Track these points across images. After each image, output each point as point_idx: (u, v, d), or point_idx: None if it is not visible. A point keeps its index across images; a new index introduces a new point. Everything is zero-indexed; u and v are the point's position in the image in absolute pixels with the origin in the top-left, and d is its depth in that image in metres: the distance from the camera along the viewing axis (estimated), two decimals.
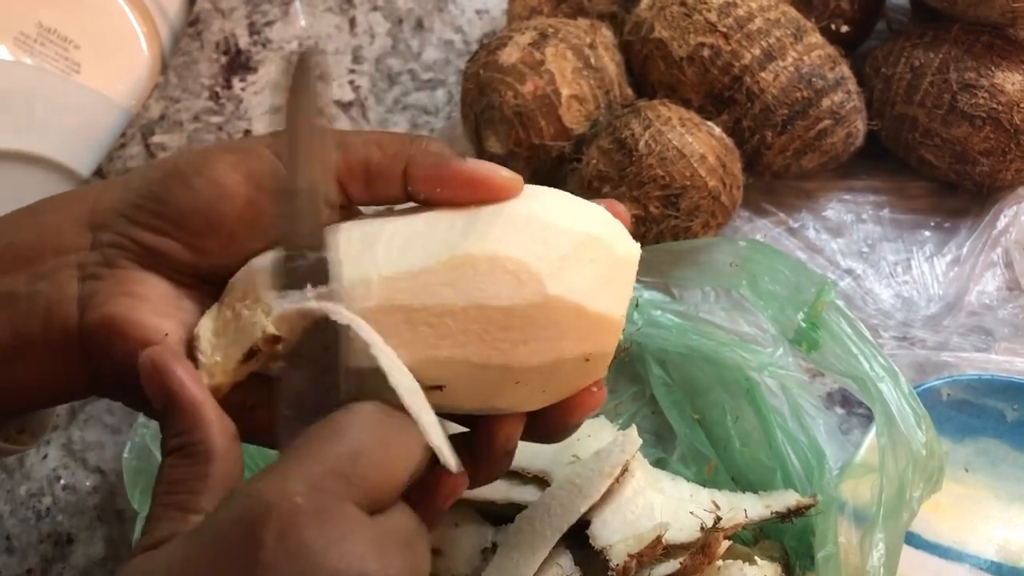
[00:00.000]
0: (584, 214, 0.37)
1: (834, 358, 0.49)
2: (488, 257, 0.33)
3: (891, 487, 0.44)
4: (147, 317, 0.32)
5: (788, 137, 0.62)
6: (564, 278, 0.34)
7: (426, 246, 0.34)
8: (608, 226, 0.37)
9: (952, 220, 0.65)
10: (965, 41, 0.62)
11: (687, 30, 0.63)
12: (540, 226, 0.35)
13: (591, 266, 0.35)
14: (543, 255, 0.34)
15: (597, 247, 0.36)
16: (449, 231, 0.34)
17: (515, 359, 0.33)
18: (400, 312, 0.32)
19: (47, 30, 0.78)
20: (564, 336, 0.34)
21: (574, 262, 0.34)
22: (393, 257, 0.33)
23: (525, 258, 0.34)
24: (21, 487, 0.59)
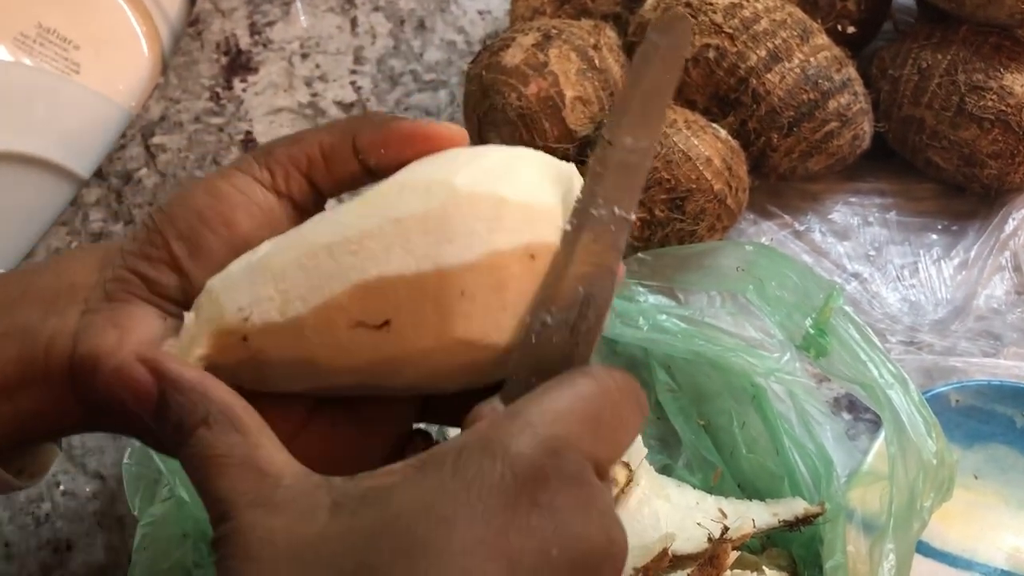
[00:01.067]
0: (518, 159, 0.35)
1: (842, 364, 0.48)
2: (398, 183, 0.33)
3: (901, 496, 0.44)
4: (130, 351, 0.33)
5: (794, 139, 0.61)
6: (474, 174, 0.33)
7: (346, 206, 0.34)
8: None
9: (960, 223, 0.64)
10: (973, 42, 0.61)
11: (692, 31, 0.62)
12: (457, 153, 0.35)
13: (508, 165, 0.34)
14: (453, 166, 0.33)
15: (521, 159, 0.35)
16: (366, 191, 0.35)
17: (445, 259, 0.32)
18: (323, 250, 0.32)
19: (47, 30, 0.77)
20: (493, 229, 0.32)
21: (487, 163, 0.34)
22: (316, 221, 0.34)
23: (434, 172, 0.33)
24: (20, 493, 0.58)
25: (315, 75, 0.77)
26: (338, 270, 0.32)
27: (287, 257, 0.33)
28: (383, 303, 0.32)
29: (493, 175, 0.33)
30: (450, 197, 0.32)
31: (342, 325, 0.32)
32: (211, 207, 0.35)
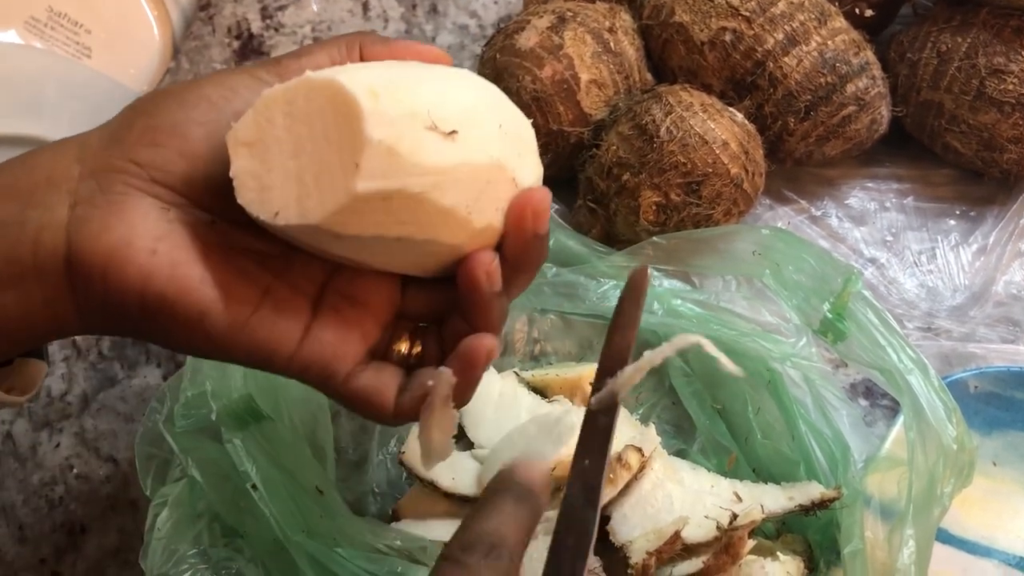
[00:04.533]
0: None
1: (861, 349, 0.48)
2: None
3: (920, 482, 0.43)
4: (142, 241, 0.32)
5: (811, 123, 0.61)
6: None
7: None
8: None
9: (978, 208, 0.64)
10: (994, 25, 0.60)
11: (708, 14, 0.61)
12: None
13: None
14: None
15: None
16: None
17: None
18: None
19: (57, 14, 0.77)
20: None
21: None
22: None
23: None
24: (34, 476, 0.58)
25: None
26: (409, 77, 0.34)
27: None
28: (454, 115, 0.33)
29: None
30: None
31: (420, 125, 0.32)
32: (223, 97, 0.34)
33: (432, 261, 0.35)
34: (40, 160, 0.34)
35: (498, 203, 0.35)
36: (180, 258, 0.32)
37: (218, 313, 0.33)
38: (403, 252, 0.34)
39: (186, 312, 0.33)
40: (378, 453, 0.56)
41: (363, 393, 0.36)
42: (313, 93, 0.32)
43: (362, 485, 0.56)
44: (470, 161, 0.33)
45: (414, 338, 0.38)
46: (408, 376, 0.37)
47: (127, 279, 0.32)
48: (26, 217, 0.32)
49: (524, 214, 0.35)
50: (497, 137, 0.35)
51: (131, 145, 0.33)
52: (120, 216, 0.32)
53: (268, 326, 0.34)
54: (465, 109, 0.34)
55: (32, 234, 0.32)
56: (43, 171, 0.33)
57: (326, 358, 0.35)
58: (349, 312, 0.36)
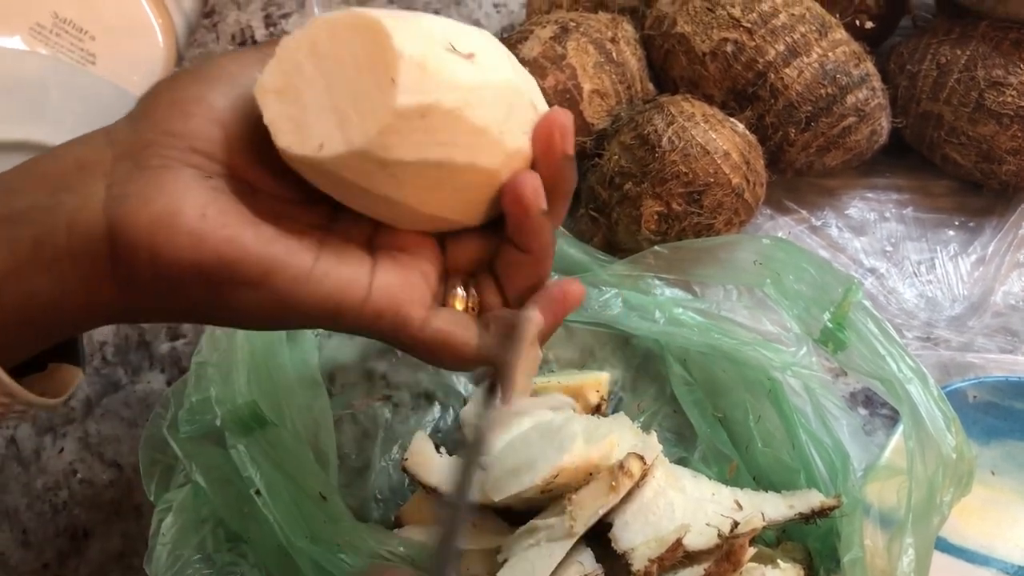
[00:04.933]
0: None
1: (861, 359, 0.48)
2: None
3: (920, 490, 0.44)
4: (191, 208, 0.31)
5: (811, 134, 0.61)
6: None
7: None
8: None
9: (977, 219, 0.64)
10: (993, 38, 0.61)
11: (710, 25, 0.62)
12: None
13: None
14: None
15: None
16: None
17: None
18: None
19: (63, 21, 0.77)
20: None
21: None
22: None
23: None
24: (38, 480, 0.59)
25: None
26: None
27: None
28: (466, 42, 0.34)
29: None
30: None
31: (446, 53, 0.33)
32: (239, 71, 0.34)
33: (473, 196, 0.35)
34: (68, 149, 0.33)
35: (524, 126, 0.35)
36: (231, 220, 0.31)
37: (282, 267, 0.32)
38: (445, 185, 0.34)
39: (249, 271, 0.31)
40: (381, 459, 0.57)
41: (442, 336, 0.35)
42: (336, 28, 0.32)
43: (365, 491, 0.56)
44: (493, 81, 0.34)
45: (468, 291, 0.37)
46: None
47: (179, 247, 0.30)
48: (58, 201, 0.31)
49: (552, 135, 0.35)
50: (511, 64, 0.35)
51: (161, 118, 0.32)
52: (161, 187, 0.31)
53: (334, 274, 0.33)
54: (474, 41, 0.34)
55: (66, 217, 0.31)
56: (72, 158, 0.32)
57: (397, 302, 0.34)
58: (405, 259, 0.36)
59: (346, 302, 0.33)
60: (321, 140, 0.32)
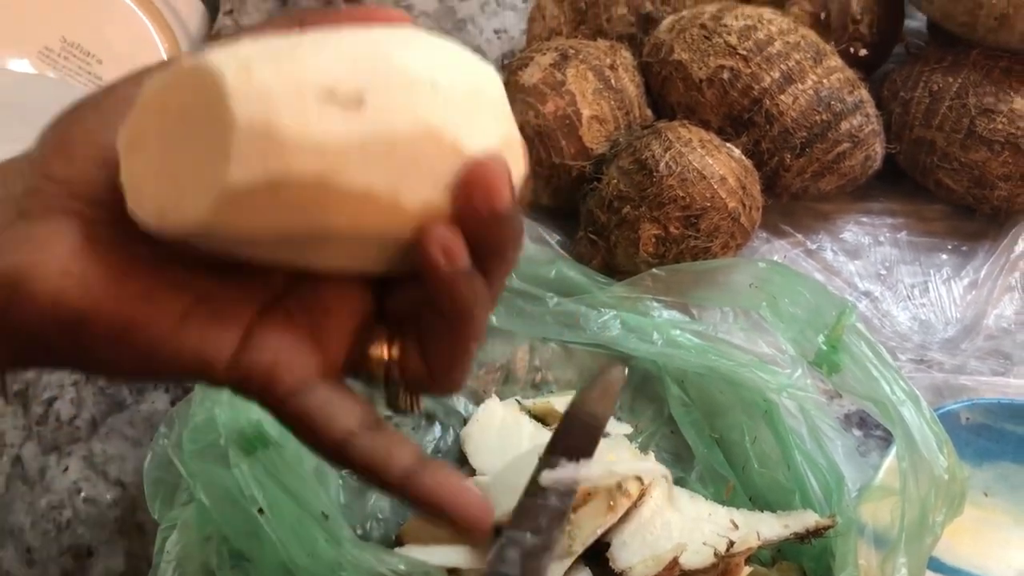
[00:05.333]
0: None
1: (855, 381, 0.49)
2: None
3: (913, 511, 0.45)
4: (54, 262, 0.29)
5: (806, 159, 0.62)
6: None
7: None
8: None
9: (969, 243, 0.65)
10: (984, 66, 0.62)
11: (707, 52, 0.63)
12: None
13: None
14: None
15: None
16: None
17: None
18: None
19: (70, 44, 0.79)
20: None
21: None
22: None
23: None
24: (42, 499, 0.59)
25: None
26: (301, 42, 0.29)
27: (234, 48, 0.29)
28: (355, 80, 0.29)
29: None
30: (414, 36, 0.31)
31: (311, 100, 0.28)
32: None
33: (380, 254, 0.31)
34: None
35: (437, 177, 0.29)
36: (97, 274, 0.30)
37: (142, 325, 0.30)
38: (336, 248, 0.30)
39: (106, 327, 0.30)
40: None
41: (305, 414, 0.32)
42: (184, 81, 0.28)
43: (365, 511, 0.56)
44: (385, 132, 0.28)
45: (392, 341, 0.34)
46: (407, 398, 0.34)
47: (36, 300, 0.29)
48: None
49: (470, 191, 0.29)
50: (432, 99, 0.29)
51: (46, 161, 0.30)
52: (29, 237, 0.29)
53: (198, 333, 0.31)
54: (383, 72, 0.29)
55: None
56: None
57: (267, 366, 0.31)
58: (302, 318, 0.32)
59: (208, 363, 0.31)
60: (160, 212, 0.29)
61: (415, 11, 0.83)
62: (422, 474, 0.33)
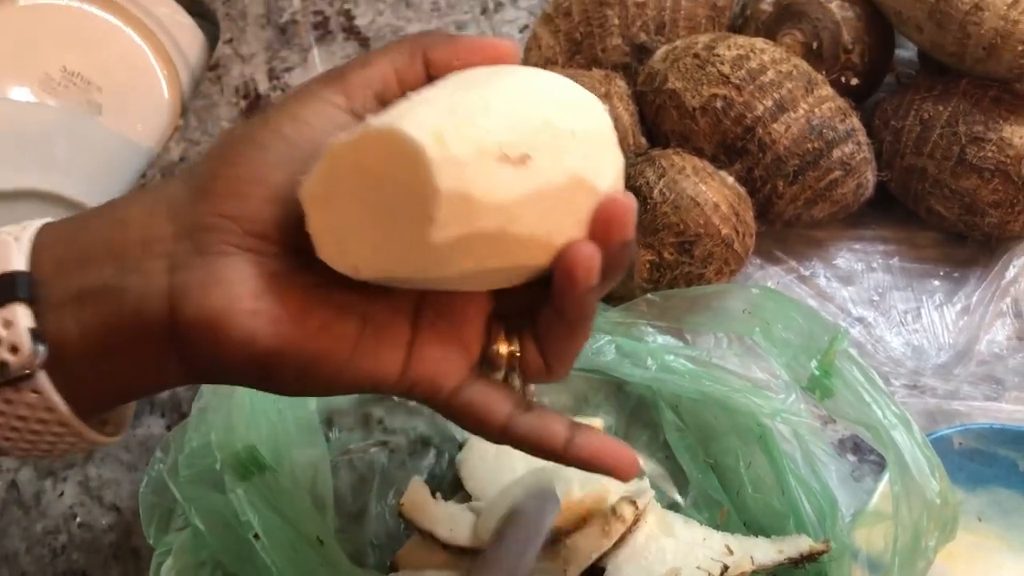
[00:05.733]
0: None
1: (847, 406, 0.49)
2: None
3: (905, 535, 0.45)
4: (244, 302, 0.33)
5: (799, 187, 0.63)
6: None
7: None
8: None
9: (961, 270, 0.66)
10: (973, 95, 0.63)
11: (700, 81, 0.64)
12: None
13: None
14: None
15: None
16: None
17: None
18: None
19: (71, 73, 0.80)
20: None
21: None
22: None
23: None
24: (37, 524, 0.59)
25: None
26: (478, 107, 0.32)
27: (415, 108, 0.32)
28: (520, 139, 0.32)
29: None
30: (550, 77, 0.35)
31: (492, 157, 0.31)
32: (299, 133, 0.34)
33: (518, 278, 0.35)
34: (131, 216, 0.34)
35: (579, 215, 0.34)
36: (280, 314, 0.33)
37: (324, 358, 0.34)
38: (487, 278, 0.34)
39: (295, 363, 0.34)
40: (377, 504, 0.57)
41: (469, 408, 0.37)
42: (378, 145, 0.31)
43: (361, 536, 0.57)
44: (546, 184, 0.32)
45: (511, 337, 0.38)
46: (521, 385, 0.38)
47: (233, 342, 0.32)
48: (126, 283, 0.33)
49: (608, 226, 0.34)
50: (573, 147, 0.33)
51: (218, 199, 0.33)
52: (217, 279, 0.32)
53: (371, 357, 0.35)
54: (536, 127, 0.32)
55: (133, 302, 0.32)
56: (136, 230, 0.33)
57: (430, 376, 0.36)
58: (446, 328, 0.37)
59: (382, 380, 0.36)
60: (357, 261, 0.33)
61: None
62: (579, 440, 0.38)
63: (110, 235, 0.33)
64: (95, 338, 0.33)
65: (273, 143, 0.34)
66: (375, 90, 0.36)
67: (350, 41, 0.85)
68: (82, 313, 0.33)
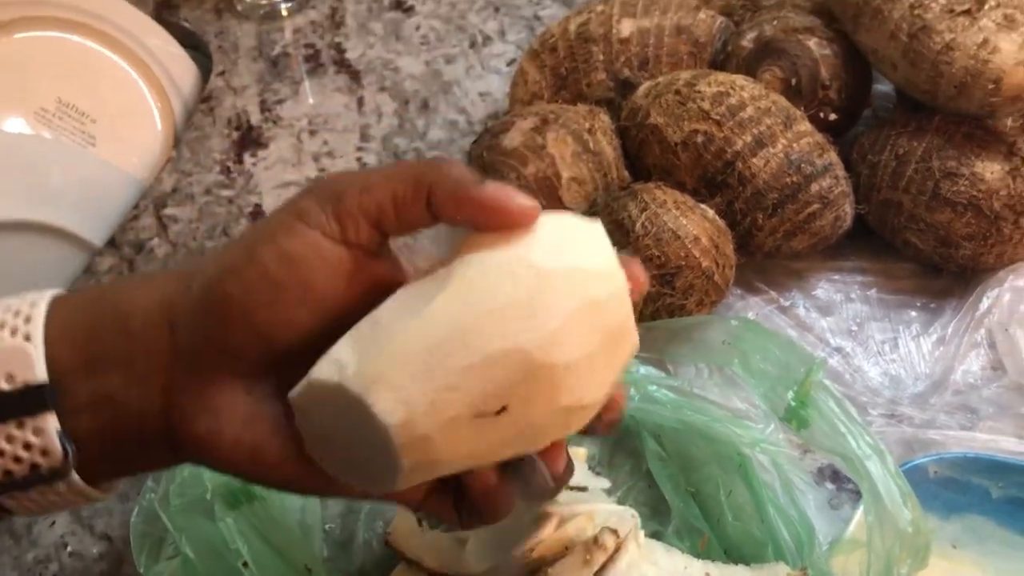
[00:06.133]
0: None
1: (823, 436, 0.51)
2: (479, 269, 0.35)
3: (878, 563, 0.46)
4: (228, 434, 0.36)
5: (778, 220, 0.65)
6: (547, 250, 0.35)
7: (428, 298, 0.35)
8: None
9: (937, 301, 0.67)
10: (946, 131, 0.65)
11: (681, 117, 0.66)
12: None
13: (565, 235, 0.37)
14: (524, 243, 0.35)
15: (571, 227, 0.37)
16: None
17: (548, 337, 0.34)
18: (425, 354, 0.33)
19: (66, 105, 0.81)
20: (582, 299, 0.35)
21: (549, 237, 0.36)
22: (399, 313, 0.35)
23: (510, 253, 0.35)
24: (28, 554, 0.60)
25: (323, 151, 0.81)
26: (451, 369, 0.33)
27: (392, 363, 0.33)
28: (497, 391, 0.33)
29: (562, 248, 0.35)
30: (537, 278, 0.34)
31: (463, 421, 0.33)
32: (288, 274, 0.35)
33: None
34: (134, 326, 0.36)
35: (563, 429, 0.36)
36: (261, 443, 0.36)
37: (301, 482, 0.37)
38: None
39: (274, 481, 0.37)
40: (364, 533, 0.58)
41: (433, 513, 0.40)
42: (348, 400, 0.33)
43: (349, 564, 0.57)
44: (525, 424, 0.34)
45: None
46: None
47: (218, 461, 0.36)
48: (130, 397, 0.36)
49: (604, 425, 0.38)
50: (563, 379, 0.34)
51: (212, 331, 0.35)
52: (205, 406, 0.36)
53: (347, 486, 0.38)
54: (522, 370, 0.33)
55: (136, 414, 0.36)
56: (140, 342, 0.36)
57: (395, 499, 0.39)
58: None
59: (351, 497, 0.39)
60: (338, 472, 0.36)
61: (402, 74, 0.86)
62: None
63: (117, 344, 0.36)
64: (107, 439, 0.36)
65: (260, 285, 0.35)
66: (371, 219, 0.36)
67: (341, 74, 0.86)
68: (95, 420, 0.36)
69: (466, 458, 0.35)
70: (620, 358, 0.37)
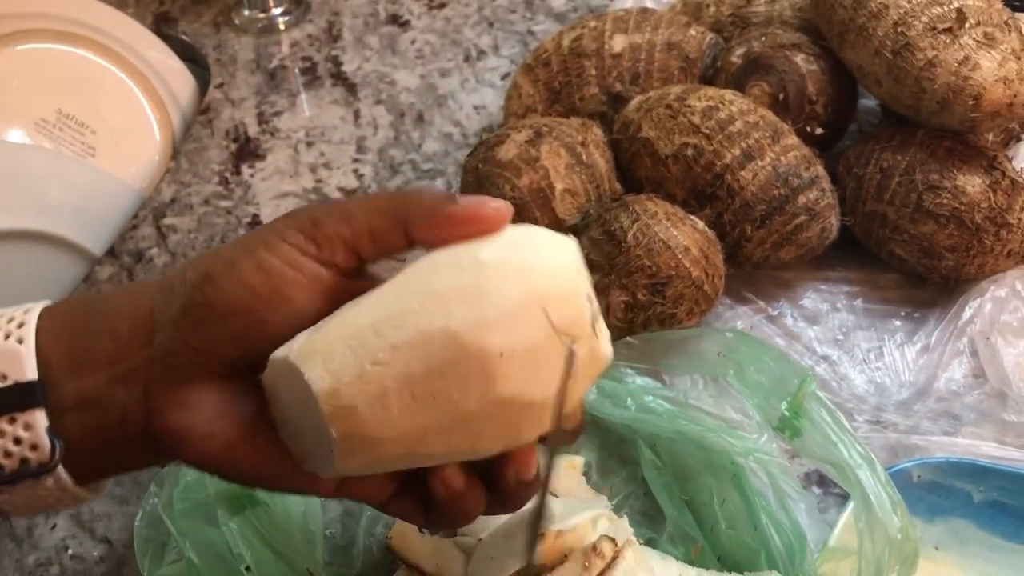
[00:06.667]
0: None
1: (815, 445, 0.52)
2: (429, 262, 0.37)
3: (869, 570, 0.47)
4: (200, 427, 0.38)
5: (766, 231, 0.66)
6: (499, 248, 0.36)
7: (382, 288, 0.37)
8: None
9: (921, 310, 0.69)
10: (929, 145, 0.66)
11: (672, 130, 0.67)
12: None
13: (525, 238, 0.38)
14: (478, 242, 0.37)
15: (535, 232, 0.38)
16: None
17: (485, 322, 0.34)
18: (367, 329, 0.35)
19: (66, 116, 0.82)
20: (524, 294, 0.35)
21: (508, 237, 0.37)
22: (355, 304, 0.37)
23: (461, 250, 0.36)
24: (29, 557, 0.61)
25: (319, 162, 0.82)
26: (383, 345, 0.35)
27: (333, 339, 0.35)
28: (426, 371, 0.34)
29: (515, 247, 0.36)
30: (482, 268, 0.35)
31: (392, 397, 0.35)
32: (265, 284, 0.37)
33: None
34: (121, 330, 0.39)
35: (516, 433, 0.36)
36: (230, 437, 0.38)
37: (268, 472, 0.39)
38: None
39: (243, 473, 0.39)
40: (365, 537, 0.59)
41: (398, 514, 0.42)
42: (293, 376, 0.35)
43: (349, 569, 0.58)
44: (459, 413, 0.35)
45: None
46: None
47: (191, 454, 0.38)
48: (115, 394, 0.38)
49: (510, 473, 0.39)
50: (498, 369, 0.34)
51: (188, 332, 0.37)
52: (179, 402, 0.38)
53: (311, 476, 0.39)
54: (459, 358, 0.34)
55: (119, 412, 0.38)
56: (126, 345, 0.38)
57: (361, 495, 0.41)
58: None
59: (319, 492, 0.40)
60: (300, 455, 0.38)
61: (398, 87, 0.87)
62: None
63: (104, 346, 0.38)
64: (93, 437, 0.38)
65: (239, 294, 0.37)
66: (347, 245, 0.38)
67: (337, 87, 0.87)
68: (81, 418, 0.38)
69: (401, 442, 0.35)
70: (583, 366, 0.36)
